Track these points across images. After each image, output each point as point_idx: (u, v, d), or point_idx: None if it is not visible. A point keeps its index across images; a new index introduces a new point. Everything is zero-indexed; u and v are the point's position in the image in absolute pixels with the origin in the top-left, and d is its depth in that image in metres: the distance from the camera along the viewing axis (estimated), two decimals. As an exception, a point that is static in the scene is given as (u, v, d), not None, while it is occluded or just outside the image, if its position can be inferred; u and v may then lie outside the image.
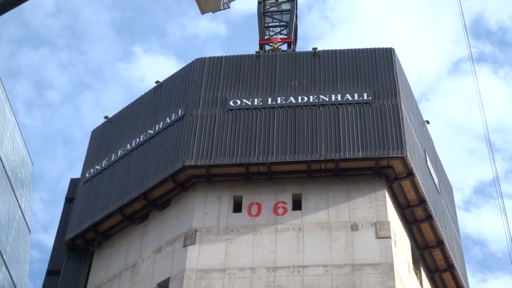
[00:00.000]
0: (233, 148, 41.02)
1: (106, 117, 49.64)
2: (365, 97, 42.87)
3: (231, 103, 43.35)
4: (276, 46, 54.32)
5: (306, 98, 43.08)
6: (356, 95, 43.01)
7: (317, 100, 42.88)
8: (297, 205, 39.94)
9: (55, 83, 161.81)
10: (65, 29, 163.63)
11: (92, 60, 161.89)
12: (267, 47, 54.79)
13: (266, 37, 56.29)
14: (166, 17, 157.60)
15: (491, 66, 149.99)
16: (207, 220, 39.55)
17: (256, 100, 43.36)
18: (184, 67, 46.90)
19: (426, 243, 43.58)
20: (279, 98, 43.31)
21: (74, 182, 49.69)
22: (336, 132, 41.14)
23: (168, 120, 44.34)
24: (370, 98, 42.75)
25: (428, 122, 49.34)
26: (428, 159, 46.06)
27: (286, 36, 56.19)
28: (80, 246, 44.60)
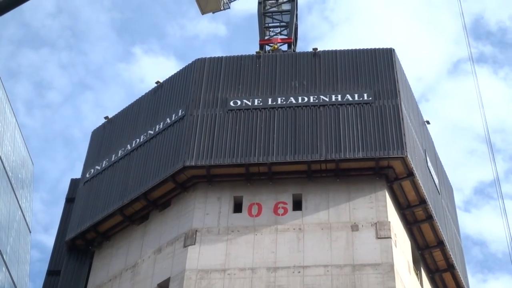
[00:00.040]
0: (234, 149, 41.01)
1: (107, 118, 49.63)
2: (366, 98, 42.86)
3: (232, 104, 43.34)
4: (277, 47, 54.32)
5: (307, 99, 43.07)
6: (357, 96, 43.00)
7: (318, 101, 42.86)
8: (298, 206, 39.92)
9: (55, 84, 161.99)
10: (65, 30, 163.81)
11: (92, 61, 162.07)
12: (268, 48, 54.78)
13: (267, 38, 56.27)
14: (166, 18, 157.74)
15: (491, 67, 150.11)
16: (208, 221, 39.55)
17: (257, 101, 43.34)
18: (185, 68, 46.87)
19: (427, 243, 43.57)
20: (280, 99, 43.30)
21: (75, 183, 49.69)
22: (337, 133, 41.13)
23: (169, 121, 44.33)
24: (371, 99, 42.73)
25: (429, 123, 49.32)
26: (429, 160, 46.04)
27: (286, 37, 56.18)
28: (81, 246, 44.60)
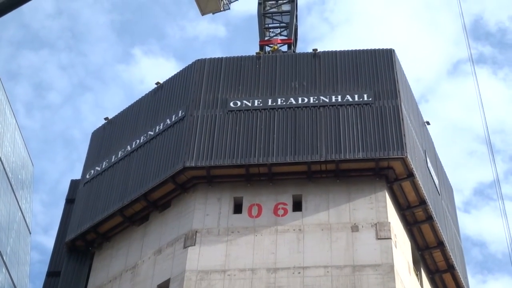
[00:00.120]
0: (234, 149, 41.00)
1: (107, 119, 49.63)
2: (366, 98, 42.84)
3: (232, 104, 43.32)
4: (276, 47, 54.31)
5: (307, 99, 43.07)
6: (357, 96, 42.99)
7: (318, 101, 42.85)
8: (298, 206, 39.91)
9: (55, 85, 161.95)
10: (65, 31, 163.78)
11: (92, 62, 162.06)
12: (267, 48, 54.77)
13: (266, 38, 56.24)
14: (166, 19, 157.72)
15: (491, 67, 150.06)
16: (208, 221, 39.54)
17: (257, 101, 43.33)
18: (185, 68, 46.87)
19: (427, 244, 43.55)
20: (280, 99, 43.29)
21: (75, 184, 49.67)
22: (337, 133, 41.12)
23: (169, 121, 44.32)
24: (371, 99, 42.72)
25: (429, 123, 49.29)
26: (429, 160, 46.03)
27: (286, 37, 56.15)
28: (81, 247, 44.59)
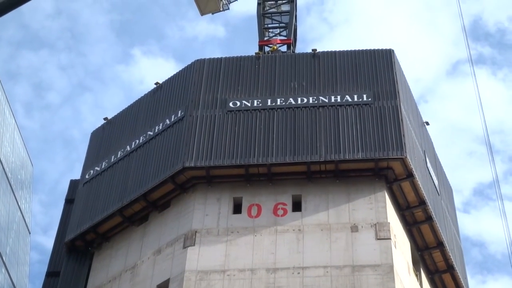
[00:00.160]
0: (233, 149, 41.00)
1: (106, 119, 49.62)
2: (365, 99, 42.84)
3: (231, 104, 43.32)
4: (276, 48, 54.30)
5: (306, 100, 43.06)
6: (356, 97, 42.98)
7: (317, 102, 42.85)
8: (297, 207, 39.90)
9: (55, 85, 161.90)
10: (65, 31, 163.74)
11: (92, 62, 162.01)
12: (267, 49, 54.77)
13: (266, 39, 56.23)
14: (165, 19, 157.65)
15: (490, 68, 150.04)
16: (207, 222, 39.53)
17: (256, 101, 43.32)
18: (184, 69, 46.87)
19: (426, 244, 43.55)
20: (279, 99, 43.29)
21: (74, 184, 49.67)
22: (336, 134, 41.12)
23: (168, 122, 44.31)
24: (370, 100, 42.72)
25: (428, 124, 49.30)
26: (428, 161, 46.02)
27: (286, 38, 56.16)
28: (80, 248, 44.57)
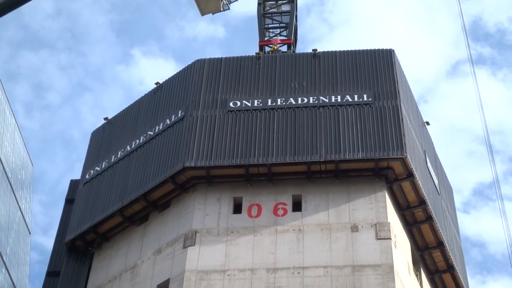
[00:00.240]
0: (233, 149, 40.99)
1: (106, 119, 49.61)
2: (365, 98, 42.83)
3: (231, 104, 43.31)
4: (276, 48, 54.29)
5: (306, 99, 43.06)
6: (356, 96, 42.98)
7: (317, 101, 42.84)
8: (297, 206, 39.89)
9: (55, 85, 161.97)
10: (65, 31, 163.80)
11: (92, 62, 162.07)
12: (267, 49, 54.76)
13: (266, 39, 56.21)
14: (165, 19, 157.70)
15: (490, 68, 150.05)
16: (207, 221, 39.52)
17: (256, 101, 43.32)
18: (184, 69, 46.85)
19: (426, 244, 43.54)
20: (279, 99, 43.28)
21: (74, 184, 49.65)
22: (336, 133, 41.11)
23: (168, 122, 44.31)
24: (370, 99, 42.71)
25: (428, 123, 49.27)
26: (428, 160, 46.01)
27: (286, 38, 56.15)
28: (80, 248, 44.57)
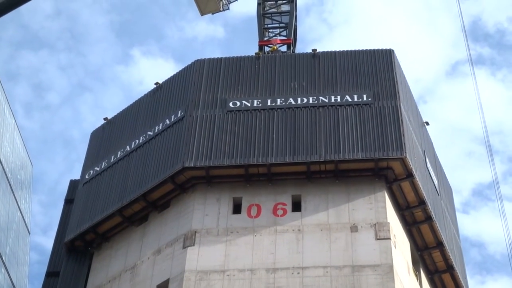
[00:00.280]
0: (233, 150, 40.99)
1: (106, 119, 49.61)
2: (365, 99, 42.83)
3: (231, 104, 43.31)
4: (276, 48, 54.29)
5: (306, 100, 43.06)
6: (356, 97, 42.98)
7: (317, 102, 42.85)
8: (297, 207, 39.89)
9: (55, 85, 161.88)
10: (64, 32, 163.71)
11: (91, 62, 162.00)
12: (267, 49, 54.77)
13: (266, 39, 56.22)
14: (165, 20, 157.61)
15: (489, 69, 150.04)
16: (207, 222, 39.52)
17: (256, 101, 43.32)
18: (184, 69, 46.86)
19: (426, 244, 43.55)
20: (279, 100, 43.28)
21: (74, 184, 49.64)
22: (336, 134, 41.11)
23: (168, 122, 44.30)
24: (370, 100, 42.71)
25: (428, 124, 49.28)
26: (428, 161, 46.02)
27: (286, 38, 56.15)
28: (80, 248, 44.56)
